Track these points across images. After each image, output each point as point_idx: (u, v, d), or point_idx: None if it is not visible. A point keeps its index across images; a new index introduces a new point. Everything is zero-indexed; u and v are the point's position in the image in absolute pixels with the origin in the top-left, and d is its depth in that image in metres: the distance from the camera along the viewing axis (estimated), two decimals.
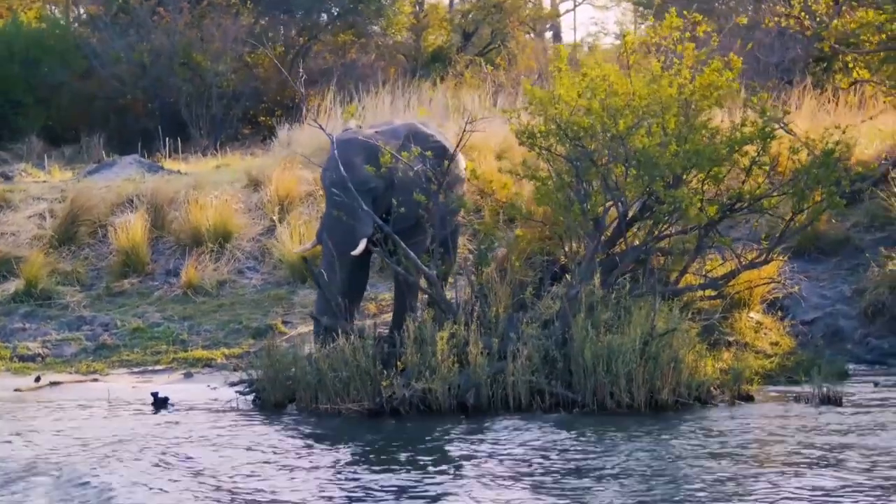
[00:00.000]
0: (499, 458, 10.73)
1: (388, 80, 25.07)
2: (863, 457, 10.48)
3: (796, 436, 11.29)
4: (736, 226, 16.43)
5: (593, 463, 10.49)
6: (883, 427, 11.57)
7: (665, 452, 10.78)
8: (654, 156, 12.96)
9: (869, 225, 17.07)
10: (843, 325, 15.19)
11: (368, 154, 13.03)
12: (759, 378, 13.47)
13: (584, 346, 12.30)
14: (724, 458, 10.55)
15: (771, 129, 13.72)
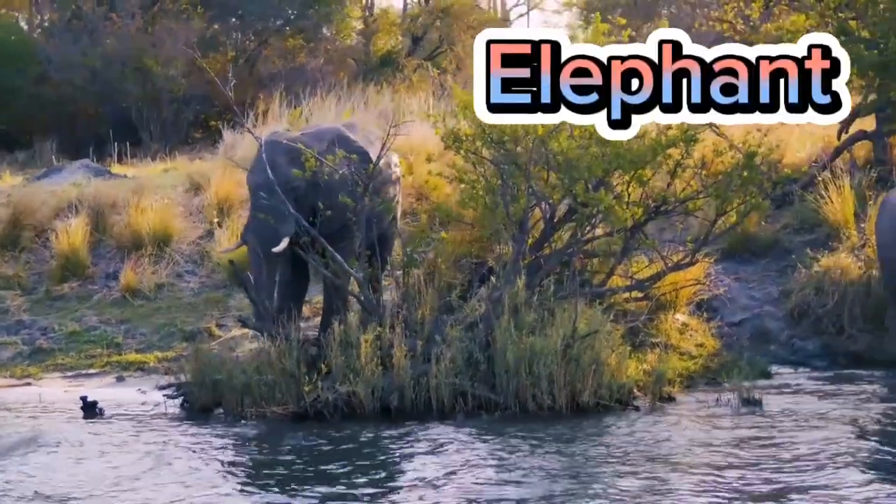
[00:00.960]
0: (421, 460, 10.90)
1: (337, 84, 25.19)
2: (776, 457, 10.67)
3: (711, 437, 11.46)
4: (668, 227, 16.59)
5: (513, 465, 10.65)
6: (799, 427, 11.76)
7: (581, 454, 10.96)
8: (575, 158, 13.12)
9: (799, 227, 17.25)
10: (769, 327, 15.39)
11: (291, 155, 13.16)
12: (683, 379, 13.64)
13: (507, 349, 12.45)
14: (638, 459, 10.72)
15: (694, 133, 13.86)
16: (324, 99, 22.78)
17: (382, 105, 23.24)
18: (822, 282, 15.32)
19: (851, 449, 10.86)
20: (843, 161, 18.33)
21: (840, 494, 9.45)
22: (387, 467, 10.78)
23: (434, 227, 16.69)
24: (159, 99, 26.76)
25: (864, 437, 11.31)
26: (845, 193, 16.61)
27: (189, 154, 25.22)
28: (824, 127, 18.86)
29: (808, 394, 13.31)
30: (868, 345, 14.80)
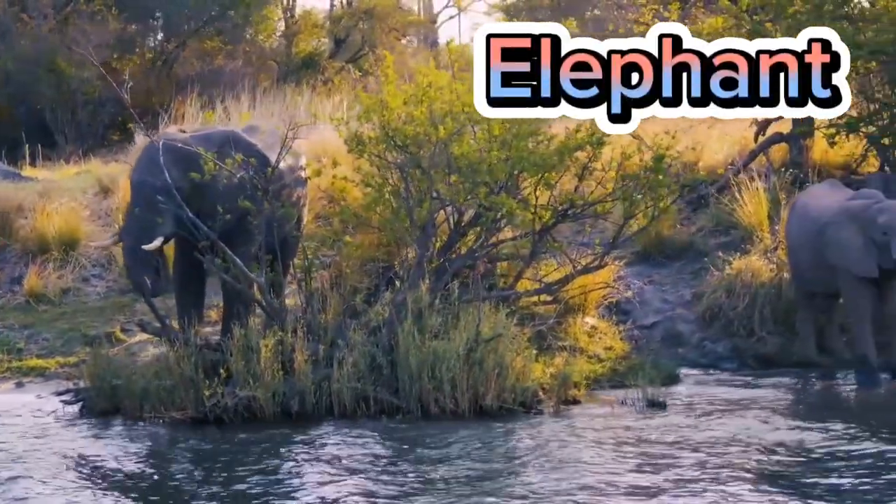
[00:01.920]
0: (320, 464, 10.74)
1: (257, 86, 24.96)
2: (675, 458, 10.62)
3: (611, 439, 11.39)
4: (583, 231, 16.48)
5: (413, 468, 10.56)
6: (701, 429, 11.69)
7: (482, 457, 10.86)
8: (476, 162, 12.99)
9: (714, 229, 17.22)
10: (681, 329, 15.30)
11: (176, 157, 12.90)
12: (590, 383, 13.54)
13: (410, 353, 12.30)
14: (537, 461, 10.64)
15: (601, 136, 13.76)
16: (238, 101, 22.50)
17: (300, 107, 23.00)
18: (734, 284, 15.26)
19: (752, 451, 10.82)
20: (761, 163, 18.33)
21: (737, 495, 9.43)
22: (285, 472, 10.63)
23: (348, 230, 16.49)
24: (74, 101, 26.38)
25: (766, 440, 11.22)
26: (759, 196, 16.58)
27: (104, 157, 24.84)
28: (742, 129, 18.97)
29: (715, 396, 13.24)
30: (778, 347, 14.75)
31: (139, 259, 12.88)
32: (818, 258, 14.02)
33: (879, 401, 13.18)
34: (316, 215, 16.53)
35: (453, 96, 13.43)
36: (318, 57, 28.24)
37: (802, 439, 11.24)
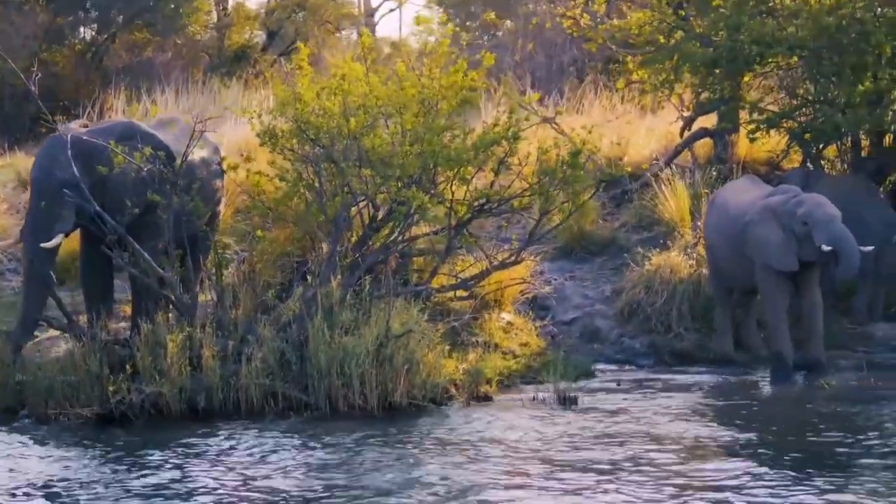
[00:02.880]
0: (224, 460, 10.64)
1: (190, 78, 24.74)
2: (582, 454, 10.58)
3: (519, 435, 11.31)
4: (506, 226, 16.41)
5: (318, 465, 10.47)
6: (610, 425, 11.65)
7: (387, 454, 10.77)
8: (387, 156, 12.87)
9: (637, 225, 17.21)
10: (599, 325, 15.26)
11: (76, 151, 12.68)
12: (504, 378, 13.44)
13: (320, 349, 12.17)
14: (444, 458, 10.57)
15: (517, 130, 13.70)
16: (163, 93, 22.29)
17: (229, 100, 22.80)
18: (653, 280, 15.24)
19: (656, 446, 10.80)
20: (686, 159, 18.33)
21: (636, 490, 9.43)
22: (189, 470, 10.46)
23: (266, 224, 16.33)
24: (1, 92, 26.03)
25: (671, 435, 11.21)
26: (681, 192, 16.53)
27: (30, 150, 24.55)
28: (668, 124, 18.97)
29: (627, 392, 13.18)
30: (695, 343, 14.74)
31: (42, 255, 12.68)
32: (736, 254, 14.00)
33: (792, 397, 13.15)
34: (236, 210, 16.35)
35: (367, 89, 13.32)
36: (250, 49, 28.04)
37: (707, 434, 11.23)
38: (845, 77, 15.40)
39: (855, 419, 11.81)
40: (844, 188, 14.77)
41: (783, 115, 16.23)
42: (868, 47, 15.21)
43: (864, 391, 13.12)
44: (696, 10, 17.05)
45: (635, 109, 20.69)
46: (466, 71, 13.79)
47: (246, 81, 25.30)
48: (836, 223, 13.28)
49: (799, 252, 13.41)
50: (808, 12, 15.54)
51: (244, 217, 16.85)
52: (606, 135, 18.82)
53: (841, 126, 15.18)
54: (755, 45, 15.45)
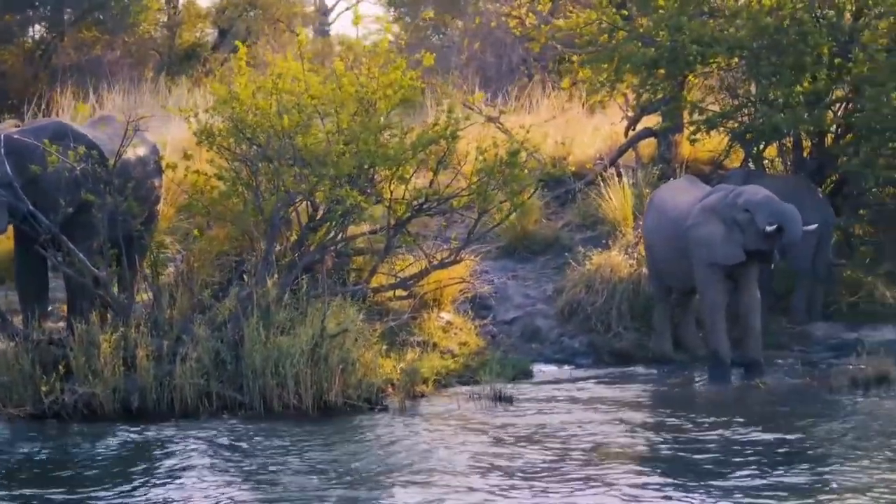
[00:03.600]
0: (154, 461, 10.63)
1: (141, 77, 24.63)
2: (512, 452, 10.62)
3: (451, 435, 11.34)
4: (452, 225, 16.41)
5: (247, 465, 10.44)
6: (544, 424, 11.66)
7: (316, 454, 10.78)
8: (321, 154, 12.85)
9: (581, 224, 17.23)
10: (540, 325, 15.28)
11: (8, 150, 12.56)
12: (442, 378, 13.44)
13: (254, 348, 12.14)
14: (374, 457, 10.57)
15: (455, 130, 13.71)
16: (110, 92, 22.18)
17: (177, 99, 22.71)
18: (593, 280, 15.26)
19: (586, 444, 10.86)
20: (630, 158, 18.38)
21: (571, 491, 9.46)
22: (120, 470, 10.43)
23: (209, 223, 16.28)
24: None
25: (603, 434, 11.27)
26: (624, 191, 16.57)
27: None
28: (613, 124, 19.01)
29: (563, 391, 13.20)
30: (633, 342, 14.78)
31: None
32: (674, 254, 14.05)
33: (728, 396, 13.19)
34: (179, 209, 16.25)
35: (302, 87, 13.30)
36: (200, 48, 27.94)
37: (637, 434, 11.29)
38: (784, 77, 15.45)
39: (786, 419, 11.85)
40: (784, 188, 14.81)
41: (723, 116, 16.28)
42: (807, 48, 15.26)
43: (799, 391, 13.18)
44: (638, 10, 17.05)
45: (583, 109, 20.70)
46: (405, 70, 13.76)
47: (197, 80, 25.20)
48: (776, 202, 13.39)
49: (744, 242, 13.47)
50: (748, 13, 15.58)
51: (188, 216, 16.80)
52: (551, 134, 18.89)
53: (780, 126, 15.23)
54: (695, 46, 15.47)
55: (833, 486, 9.45)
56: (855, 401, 12.58)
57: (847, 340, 14.75)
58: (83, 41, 26.73)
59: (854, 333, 14.94)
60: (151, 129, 17.46)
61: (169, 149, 16.69)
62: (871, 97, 15.05)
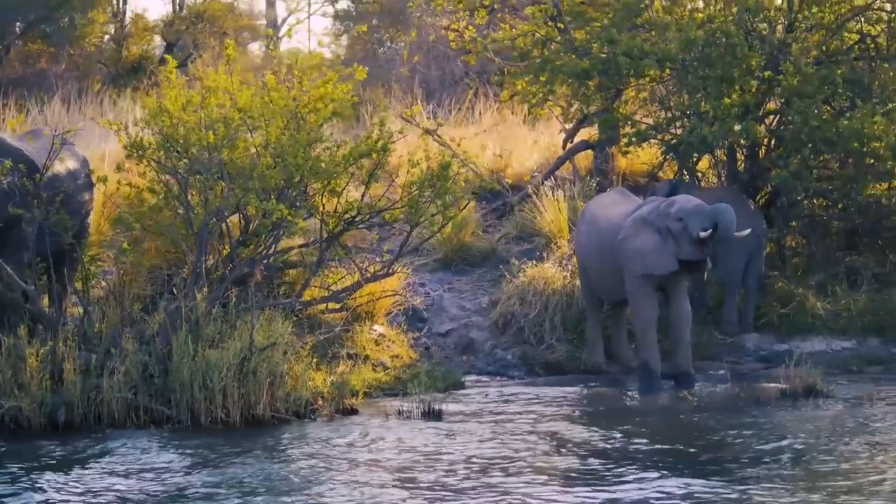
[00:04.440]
0: (79, 476, 10.56)
1: (88, 90, 24.59)
2: (437, 465, 10.65)
3: (377, 447, 11.39)
4: (390, 238, 16.47)
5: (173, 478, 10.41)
6: (470, 436, 11.72)
7: (241, 467, 10.74)
8: (247, 168, 12.88)
9: (517, 237, 17.30)
10: (474, 337, 15.34)
11: None
12: (374, 391, 13.48)
13: (183, 362, 12.15)
14: (298, 471, 10.58)
15: (386, 142, 13.77)
16: (49, 104, 22.14)
17: (123, 111, 22.67)
18: (526, 292, 15.30)
19: (518, 457, 10.90)
20: (568, 170, 18.46)
21: None
22: (46, 485, 10.36)
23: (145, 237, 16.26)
24: None
25: (535, 445, 11.33)
26: (559, 204, 16.65)
27: None
28: (552, 136, 19.10)
29: (495, 403, 13.26)
30: (566, 354, 14.85)
31: None
32: (606, 266, 14.14)
33: (656, 407, 13.28)
34: (111, 222, 16.23)
35: (230, 100, 13.34)
36: (147, 61, 27.89)
37: (561, 447, 11.32)
38: (713, 90, 15.57)
39: (711, 430, 11.95)
40: (713, 199, 14.91)
41: (654, 128, 16.39)
42: (735, 60, 15.39)
43: (727, 402, 13.27)
44: (573, 23, 17.13)
45: (525, 121, 20.77)
46: (336, 83, 13.81)
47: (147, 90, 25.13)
48: (706, 207, 13.55)
49: (677, 251, 13.56)
50: (678, 25, 15.70)
51: (124, 230, 16.79)
52: (490, 146, 19.00)
53: (708, 138, 15.32)
54: (626, 58, 15.57)
55: (750, 497, 9.52)
56: (781, 412, 12.66)
57: (778, 351, 14.86)
58: (29, 54, 26.71)
59: (785, 344, 15.07)
60: (91, 142, 17.53)
61: (107, 161, 16.71)
62: (798, 110, 15.19)
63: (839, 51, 16.24)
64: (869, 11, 16.46)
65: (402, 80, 23.43)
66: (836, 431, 11.74)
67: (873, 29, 16.60)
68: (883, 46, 16.44)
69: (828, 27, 16.01)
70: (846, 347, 15.12)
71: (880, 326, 15.28)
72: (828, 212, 16.58)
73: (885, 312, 15.31)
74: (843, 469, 10.34)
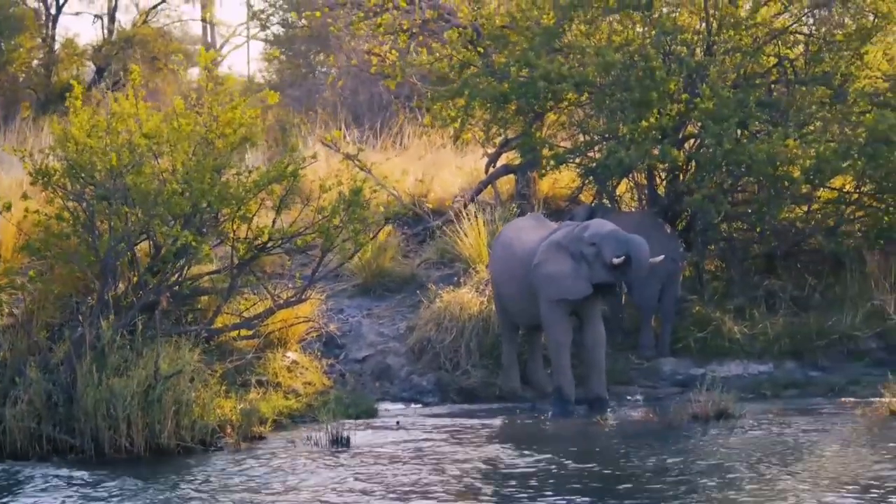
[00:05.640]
0: None
1: (16, 115, 24.38)
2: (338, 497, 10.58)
3: (279, 476, 11.29)
4: (309, 263, 16.33)
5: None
6: (376, 464, 11.65)
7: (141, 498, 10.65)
8: (151, 194, 12.75)
9: (438, 262, 17.19)
10: (390, 363, 15.21)
11: None
12: (284, 418, 13.35)
13: (87, 390, 12.00)
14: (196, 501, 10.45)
15: (295, 168, 13.67)
16: None
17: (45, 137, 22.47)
18: (443, 317, 15.18)
19: (426, 482, 10.92)
20: (491, 195, 18.38)
21: None
22: None
23: None
24: None
25: (442, 472, 11.31)
26: (479, 228, 16.56)
27: None
28: (476, 160, 19.02)
29: (405, 430, 13.14)
30: (481, 380, 14.74)
31: None
32: (520, 291, 14.07)
33: (567, 433, 13.19)
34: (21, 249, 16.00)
35: (135, 126, 13.22)
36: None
37: (466, 474, 11.27)
38: (630, 113, 15.54)
39: (623, 454, 11.94)
40: (631, 223, 14.91)
41: (571, 152, 16.36)
42: (653, 83, 15.37)
43: (639, 427, 13.24)
44: (493, 46, 17.10)
45: (454, 146, 20.63)
46: (244, 109, 13.71)
47: None
48: (621, 233, 13.49)
49: (590, 275, 13.52)
50: (595, 49, 15.68)
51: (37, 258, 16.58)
52: (412, 171, 18.91)
53: (625, 161, 15.29)
54: (543, 82, 15.53)
55: None
56: (690, 436, 12.62)
57: (694, 375, 14.79)
58: None
59: (701, 369, 15.01)
60: (12, 168, 17.34)
61: (26, 188, 16.50)
62: (712, 133, 15.18)
63: (757, 74, 16.22)
64: (787, 34, 16.44)
65: (328, 104, 23.36)
66: (745, 455, 11.71)
67: (791, 52, 16.61)
68: (801, 69, 16.45)
69: (745, 50, 15.99)
70: (763, 371, 15.08)
71: (797, 350, 15.25)
72: (745, 235, 16.55)
73: (802, 336, 15.29)
74: (750, 490, 10.40)
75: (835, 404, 14.06)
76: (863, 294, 15.62)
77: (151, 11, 29.55)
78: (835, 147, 15.37)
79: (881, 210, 16.20)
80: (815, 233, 15.94)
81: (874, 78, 16.21)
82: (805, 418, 13.35)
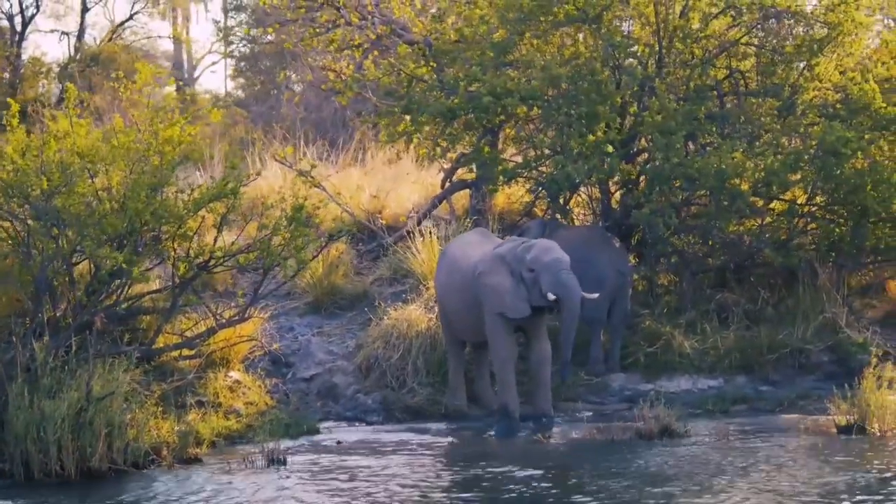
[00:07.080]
0: None
1: None
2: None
3: (208, 499, 11.12)
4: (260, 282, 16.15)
5: None
6: (315, 484, 11.51)
7: None
8: (83, 215, 12.59)
9: (391, 278, 17.05)
10: (337, 382, 15.02)
11: None
12: (223, 439, 13.19)
13: (17, 413, 11.83)
14: None
15: (236, 186, 13.52)
16: None
17: None
18: (390, 335, 15.02)
19: None
20: (446, 210, 18.25)
21: None
22: None
23: None
24: None
25: (377, 491, 11.19)
26: (432, 244, 16.41)
27: None
28: (434, 175, 18.88)
29: (346, 450, 12.98)
30: (426, 398, 14.57)
31: None
32: (465, 307, 13.92)
33: (510, 450, 13.00)
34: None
35: (70, 144, 13.07)
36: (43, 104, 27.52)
37: (408, 490, 11.22)
38: (578, 127, 15.41)
39: (565, 471, 11.86)
40: (580, 238, 14.80)
41: (521, 167, 16.22)
42: (600, 97, 15.25)
43: (582, 444, 13.10)
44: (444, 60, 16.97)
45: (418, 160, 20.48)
46: (183, 126, 13.56)
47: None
48: (561, 271, 13.28)
49: (529, 298, 13.37)
50: (541, 63, 15.55)
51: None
52: (366, 187, 18.77)
53: (573, 175, 15.15)
54: (489, 97, 15.40)
55: None
56: (633, 453, 12.47)
57: (643, 391, 14.65)
58: None
59: (650, 384, 14.88)
60: None
61: None
62: (659, 146, 15.06)
63: (706, 86, 16.08)
64: (737, 46, 16.32)
65: (285, 120, 23.21)
66: (685, 473, 11.56)
67: (742, 65, 16.49)
68: (752, 81, 16.34)
69: (695, 63, 15.87)
70: (712, 386, 14.94)
71: (748, 364, 15.12)
72: (697, 249, 16.41)
73: (753, 350, 15.15)
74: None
75: (781, 420, 13.91)
76: (815, 307, 15.47)
77: (118, 29, 29.46)
78: (783, 160, 15.22)
79: (833, 222, 16.07)
80: (766, 246, 15.77)
81: (823, 90, 16.07)
82: (749, 434, 13.21)
